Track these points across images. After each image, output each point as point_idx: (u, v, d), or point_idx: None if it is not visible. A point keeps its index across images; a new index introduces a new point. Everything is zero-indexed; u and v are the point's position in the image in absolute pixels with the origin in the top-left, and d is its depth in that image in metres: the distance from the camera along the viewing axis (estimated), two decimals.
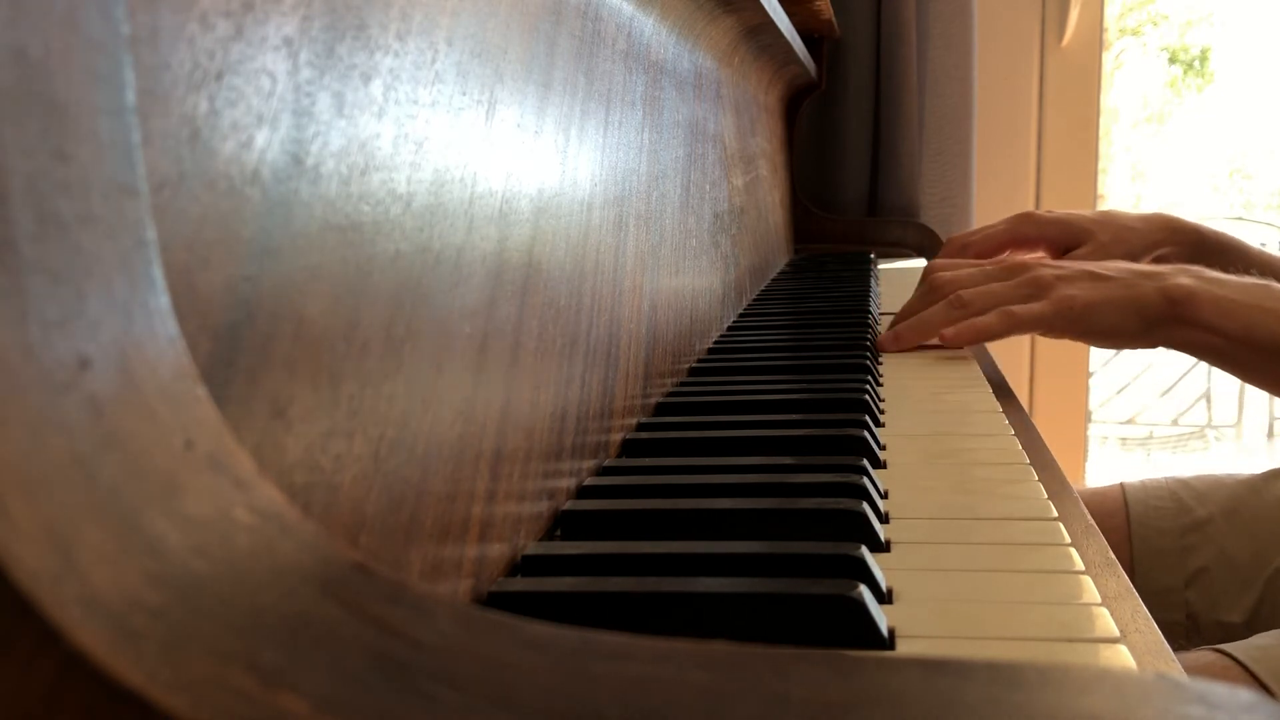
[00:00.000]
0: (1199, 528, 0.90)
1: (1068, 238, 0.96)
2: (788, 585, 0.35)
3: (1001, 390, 0.71)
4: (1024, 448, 0.55)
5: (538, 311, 0.44)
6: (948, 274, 0.81)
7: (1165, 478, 0.97)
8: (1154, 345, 0.75)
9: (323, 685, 0.17)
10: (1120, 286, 0.73)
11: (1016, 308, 0.76)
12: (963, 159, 1.74)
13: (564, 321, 0.48)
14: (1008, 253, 0.99)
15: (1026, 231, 0.99)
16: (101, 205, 0.18)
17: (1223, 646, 0.69)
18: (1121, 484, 0.97)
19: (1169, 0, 5.71)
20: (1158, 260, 0.96)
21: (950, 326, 0.79)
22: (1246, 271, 0.78)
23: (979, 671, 0.18)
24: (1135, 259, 0.94)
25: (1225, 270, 0.77)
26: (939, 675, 0.18)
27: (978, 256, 0.99)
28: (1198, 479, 0.95)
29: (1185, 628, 0.88)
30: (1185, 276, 0.72)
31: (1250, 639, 0.71)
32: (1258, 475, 0.93)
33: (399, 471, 0.31)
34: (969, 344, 0.79)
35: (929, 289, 0.81)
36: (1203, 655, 0.69)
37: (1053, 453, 0.58)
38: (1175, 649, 0.36)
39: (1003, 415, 0.63)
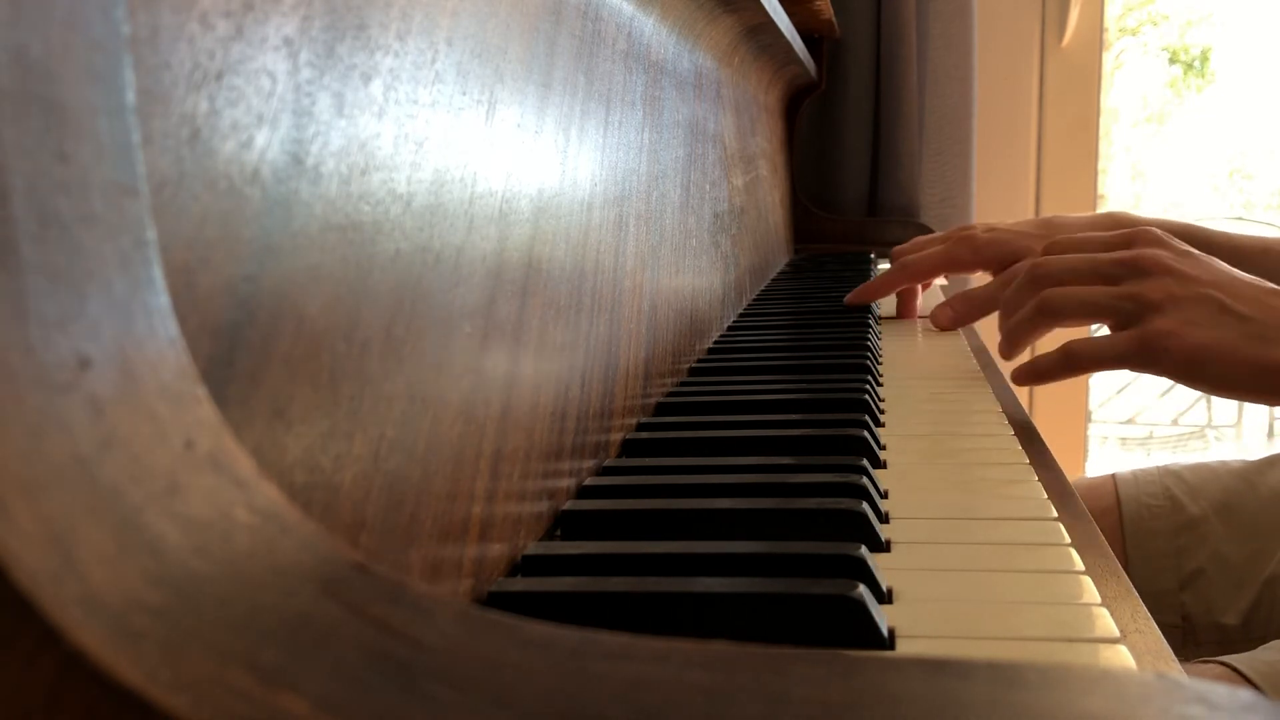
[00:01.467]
0: (1193, 527, 0.89)
1: (1009, 261, 0.86)
2: (788, 585, 0.35)
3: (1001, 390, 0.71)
4: (1024, 448, 0.55)
5: (538, 311, 0.44)
6: (1046, 259, 0.67)
7: (1157, 469, 0.94)
8: (1276, 404, 0.62)
9: (323, 685, 0.17)
10: (1254, 337, 0.58)
11: (1080, 346, 0.64)
12: (963, 159, 1.74)
13: (564, 321, 0.48)
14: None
15: (963, 256, 0.90)
16: (101, 205, 0.18)
17: (1227, 659, 0.68)
18: (1113, 475, 0.95)
19: (1169, 0, 5.71)
20: None
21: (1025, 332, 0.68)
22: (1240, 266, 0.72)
23: (979, 671, 0.18)
24: None
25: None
26: (939, 675, 0.18)
27: (911, 281, 0.95)
28: (1190, 470, 0.93)
29: (1181, 630, 0.87)
30: None
31: (1254, 652, 0.70)
32: (1250, 464, 0.92)
33: (399, 471, 0.31)
34: (1029, 379, 0.68)
35: (1028, 281, 0.67)
36: (1209, 668, 0.68)
37: (1053, 453, 0.58)
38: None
39: (1003, 415, 0.63)
